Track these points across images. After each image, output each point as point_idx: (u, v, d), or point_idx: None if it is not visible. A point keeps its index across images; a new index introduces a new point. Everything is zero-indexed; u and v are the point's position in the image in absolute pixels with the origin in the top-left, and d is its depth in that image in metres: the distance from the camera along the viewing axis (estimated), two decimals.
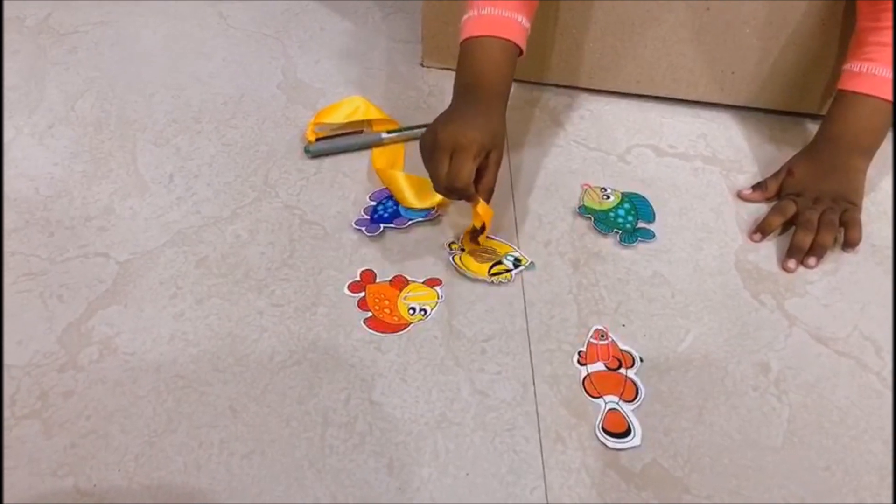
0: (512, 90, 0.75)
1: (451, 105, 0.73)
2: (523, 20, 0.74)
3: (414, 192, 0.78)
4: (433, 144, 0.67)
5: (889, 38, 0.74)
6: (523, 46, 0.75)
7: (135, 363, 0.65)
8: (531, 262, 0.73)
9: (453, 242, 0.75)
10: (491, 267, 0.73)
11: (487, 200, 0.71)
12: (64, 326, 0.67)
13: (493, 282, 0.72)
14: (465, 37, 0.74)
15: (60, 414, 0.60)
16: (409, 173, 0.81)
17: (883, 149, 0.78)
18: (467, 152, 0.66)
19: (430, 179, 0.69)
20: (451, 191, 0.67)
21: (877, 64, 0.74)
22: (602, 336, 0.68)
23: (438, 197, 0.74)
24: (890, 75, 0.74)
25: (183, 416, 0.61)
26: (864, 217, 0.77)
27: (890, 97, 0.74)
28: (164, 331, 0.67)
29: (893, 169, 0.85)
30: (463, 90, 0.73)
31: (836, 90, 0.78)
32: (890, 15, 0.73)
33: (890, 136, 0.81)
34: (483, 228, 0.72)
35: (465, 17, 0.74)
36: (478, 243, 0.74)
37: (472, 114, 0.69)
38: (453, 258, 0.73)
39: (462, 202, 0.72)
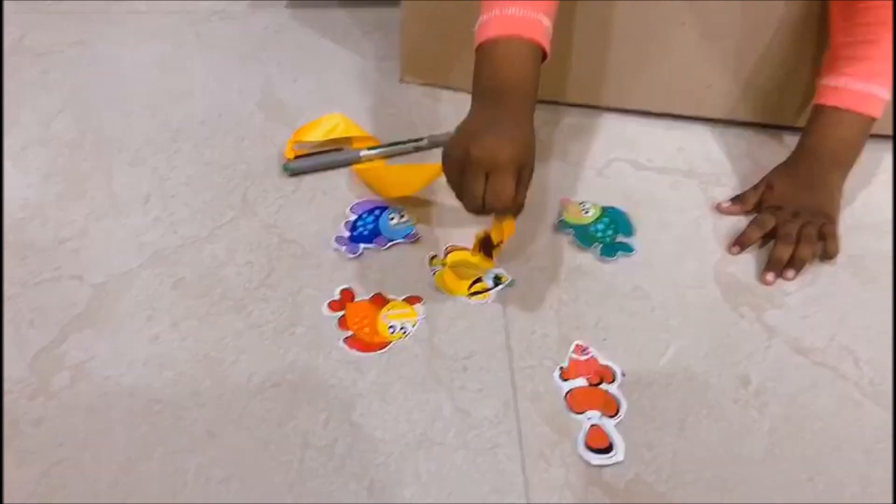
0: None
1: (472, 112, 0.67)
2: (545, 20, 0.67)
3: (394, 182, 0.79)
4: (465, 160, 0.61)
5: (864, 53, 0.75)
6: (548, 49, 0.68)
7: (108, 388, 0.63)
8: (511, 280, 0.73)
9: (434, 257, 0.75)
10: (471, 285, 0.72)
11: (516, 216, 0.67)
12: (35, 352, 0.66)
13: (471, 301, 0.71)
14: (484, 39, 0.66)
15: (31, 442, 0.59)
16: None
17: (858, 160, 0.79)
18: (507, 171, 0.60)
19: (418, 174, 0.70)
20: (489, 212, 0.63)
21: (853, 78, 0.75)
22: (583, 351, 0.68)
23: (419, 186, 0.75)
24: (865, 89, 0.75)
25: (158, 441, 0.60)
26: (840, 229, 0.77)
27: (866, 111, 0.75)
28: (140, 354, 0.66)
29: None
30: (486, 95, 0.66)
31: (814, 104, 0.79)
32: (864, 30, 0.74)
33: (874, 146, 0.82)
34: (500, 243, 0.69)
35: (482, 19, 0.68)
36: (491, 256, 0.72)
37: (503, 124, 0.63)
38: (434, 275, 0.73)
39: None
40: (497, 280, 0.73)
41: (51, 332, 0.67)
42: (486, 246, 0.72)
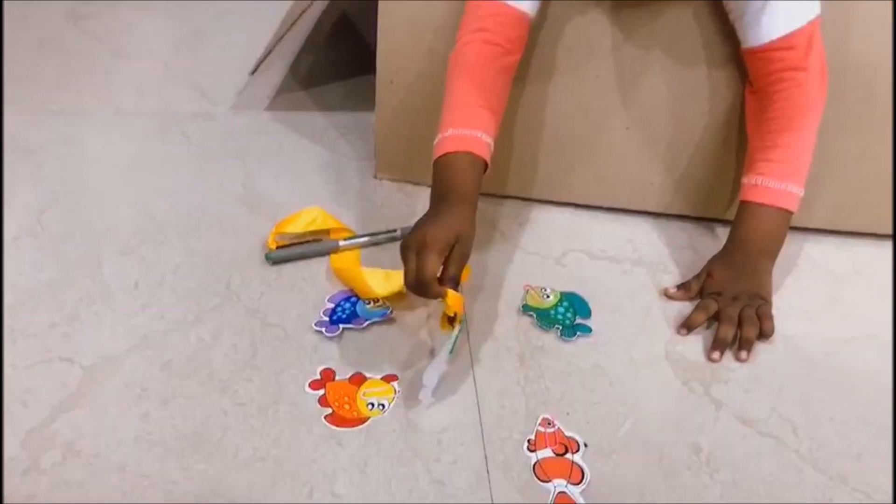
0: None
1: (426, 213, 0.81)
2: (484, 136, 0.83)
3: (374, 283, 0.84)
4: (403, 245, 0.75)
5: (776, 155, 0.86)
6: (486, 157, 0.83)
7: (99, 465, 0.66)
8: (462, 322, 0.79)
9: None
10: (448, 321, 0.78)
11: (454, 289, 0.75)
12: (27, 430, 0.68)
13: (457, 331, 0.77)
14: (436, 155, 0.83)
15: None
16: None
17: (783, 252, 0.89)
18: (430, 249, 0.72)
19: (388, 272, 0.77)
20: (419, 284, 0.73)
21: (768, 177, 0.86)
22: (549, 424, 0.73)
23: (399, 285, 0.80)
24: (781, 187, 0.86)
25: None
26: (773, 311, 0.86)
27: (783, 205, 0.86)
28: (129, 432, 0.69)
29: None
30: (436, 199, 0.81)
31: (739, 201, 0.90)
32: (774, 136, 0.86)
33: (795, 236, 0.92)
34: (455, 316, 0.77)
35: (436, 139, 0.83)
36: (452, 327, 0.78)
37: (440, 215, 0.77)
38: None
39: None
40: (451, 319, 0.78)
41: (42, 412, 0.70)
42: (449, 319, 0.78)
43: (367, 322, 0.82)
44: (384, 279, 0.85)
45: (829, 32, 0.86)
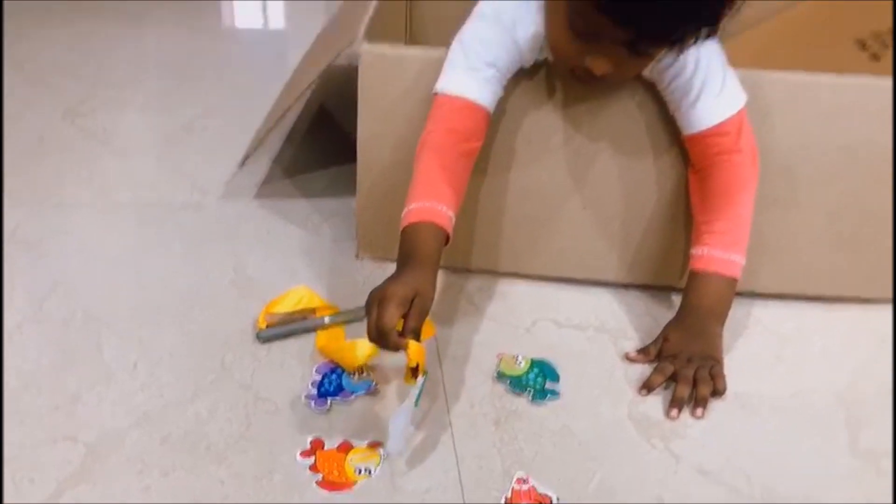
0: None
1: None
2: (444, 209, 0.90)
3: (355, 352, 0.90)
4: (367, 300, 0.82)
5: (719, 227, 0.97)
6: (447, 228, 0.90)
7: None
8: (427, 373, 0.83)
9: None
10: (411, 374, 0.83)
11: (416, 339, 0.81)
12: None
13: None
14: (402, 226, 0.91)
15: None
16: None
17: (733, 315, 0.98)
18: (389, 301, 0.79)
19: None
20: (380, 335, 0.79)
21: (712, 247, 0.96)
22: (523, 482, 0.79)
23: (372, 346, 0.84)
24: (725, 256, 0.96)
25: None
26: (725, 370, 0.94)
27: (728, 273, 0.96)
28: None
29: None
30: (399, 264, 0.88)
31: (689, 269, 0.99)
32: (716, 212, 0.97)
33: (741, 301, 1.01)
34: (418, 367, 0.81)
35: (403, 212, 0.91)
36: (415, 378, 0.82)
37: (401, 275, 0.85)
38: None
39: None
40: (414, 371, 0.82)
41: (49, 488, 0.75)
42: (413, 372, 0.83)
43: (354, 396, 0.88)
44: (362, 345, 0.91)
45: (751, 119, 0.98)
